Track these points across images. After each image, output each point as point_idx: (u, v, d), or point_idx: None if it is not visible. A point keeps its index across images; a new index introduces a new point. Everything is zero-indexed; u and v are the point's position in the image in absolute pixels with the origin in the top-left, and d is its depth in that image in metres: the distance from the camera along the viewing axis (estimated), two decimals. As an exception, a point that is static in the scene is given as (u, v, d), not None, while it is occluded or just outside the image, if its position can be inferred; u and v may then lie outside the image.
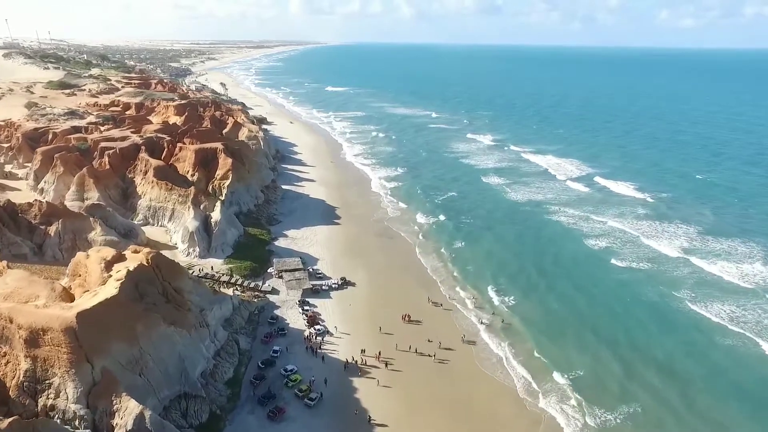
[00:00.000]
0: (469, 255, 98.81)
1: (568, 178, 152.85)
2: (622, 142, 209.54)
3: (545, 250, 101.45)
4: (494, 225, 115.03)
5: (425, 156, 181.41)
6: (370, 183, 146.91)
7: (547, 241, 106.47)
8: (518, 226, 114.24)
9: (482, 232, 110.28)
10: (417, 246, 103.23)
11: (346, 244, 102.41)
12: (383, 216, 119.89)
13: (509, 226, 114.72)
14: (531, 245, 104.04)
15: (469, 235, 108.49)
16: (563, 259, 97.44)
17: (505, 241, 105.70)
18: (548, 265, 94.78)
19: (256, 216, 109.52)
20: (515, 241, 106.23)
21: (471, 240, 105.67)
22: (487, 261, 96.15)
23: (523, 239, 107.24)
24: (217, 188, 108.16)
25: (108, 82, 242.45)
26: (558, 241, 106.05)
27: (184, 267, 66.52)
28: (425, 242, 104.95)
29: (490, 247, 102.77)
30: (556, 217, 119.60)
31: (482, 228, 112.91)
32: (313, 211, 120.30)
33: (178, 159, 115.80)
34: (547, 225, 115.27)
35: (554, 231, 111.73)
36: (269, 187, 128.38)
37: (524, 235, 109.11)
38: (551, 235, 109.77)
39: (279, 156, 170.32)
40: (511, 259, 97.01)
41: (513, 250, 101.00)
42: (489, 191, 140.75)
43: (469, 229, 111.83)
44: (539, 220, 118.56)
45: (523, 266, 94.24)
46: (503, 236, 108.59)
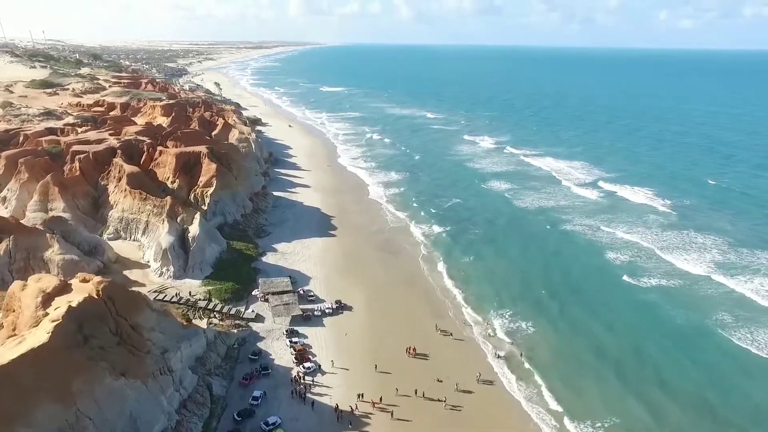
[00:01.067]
0: (479, 272, 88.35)
1: (573, 183, 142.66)
2: (625, 144, 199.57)
3: (558, 266, 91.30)
4: (502, 236, 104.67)
5: (425, 159, 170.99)
6: (368, 189, 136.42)
7: (558, 255, 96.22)
8: (528, 238, 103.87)
9: (490, 245, 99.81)
10: (420, 261, 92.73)
11: (342, 260, 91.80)
12: (383, 226, 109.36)
13: (518, 237, 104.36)
14: (543, 260, 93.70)
15: (477, 248, 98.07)
16: (577, 277, 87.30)
17: (515, 256, 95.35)
18: (562, 285, 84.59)
19: (243, 227, 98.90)
20: (526, 255, 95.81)
21: (479, 254, 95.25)
22: (497, 279, 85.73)
23: (534, 253, 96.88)
24: (200, 196, 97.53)
25: (95, 81, 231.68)
26: (570, 256, 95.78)
27: (147, 296, 55.86)
28: (429, 257, 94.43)
29: (500, 262, 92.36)
30: (565, 228, 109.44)
31: (490, 240, 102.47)
32: (307, 221, 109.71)
33: (158, 164, 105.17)
34: (557, 237, 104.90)
35: (565, 244, 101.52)
36: (259, 195, 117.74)
37: (535, 249, 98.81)
38: (562, 248, 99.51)
39: (272, 159, 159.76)
40: (524, 277, 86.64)
41: (524, 266, 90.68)
42: (493, 198, 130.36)
43: (476, 242, 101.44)
44: (548, 231, 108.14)
45: (537, 285, 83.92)
46: (513, 250, 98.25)
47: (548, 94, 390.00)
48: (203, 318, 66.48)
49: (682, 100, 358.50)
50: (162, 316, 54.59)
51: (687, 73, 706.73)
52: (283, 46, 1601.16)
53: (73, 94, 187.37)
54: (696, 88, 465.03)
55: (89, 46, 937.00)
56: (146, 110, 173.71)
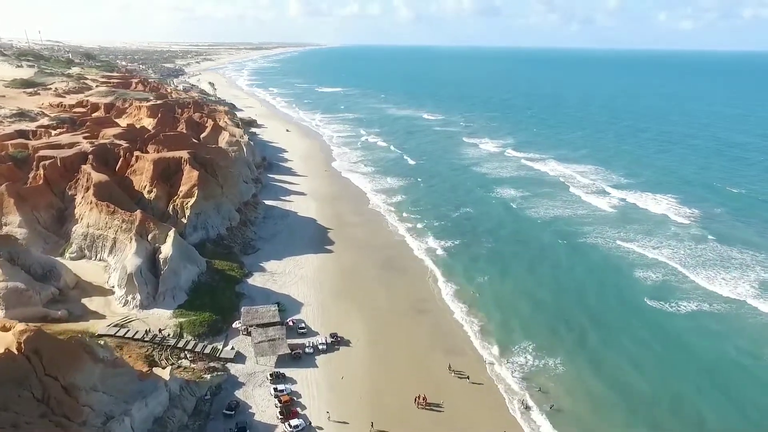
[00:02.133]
0: (494, 295, 77.46)
1: (582, 189, 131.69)
2: (630, 146, 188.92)
3: (575, 288, 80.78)
4: (514, 252, 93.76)
5: (426, 163, 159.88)
6: (367, 197, 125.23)
7: (575, 274, 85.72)
8: (541, 254, 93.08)
9: (503, 263, 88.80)
10: (428, 281, 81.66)
11: (339, 281, 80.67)
12: (385, 240, 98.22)
13: (531, 253, 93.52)
14: (559, 280, 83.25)
15: (489, 266, 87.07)
16: (597, 301, 76.96)
17: (530, 276, 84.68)
18: (587, 309, 74.54)
19: (228, 243, 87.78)
20: (542, 274, 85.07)
21: (492, 273, 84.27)
22: (515, 304, 75.04)
23: (550, 272, 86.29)
24: (179, 208, 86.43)
25: (82, 81, 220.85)
26: (587, 276, 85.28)
27: (90, 344, 44.57)
28: (437, 277, 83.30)
29: (516, 283, 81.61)
30: (579, 242, 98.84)
31: (502, 257, 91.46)
32: (301, 235, 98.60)
33: (134, 171, 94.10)
34: (571, 252, 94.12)
35: (581, 261, 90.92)
36: (249, 204, 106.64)
37: (550, 267, 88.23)
38: (578, 265, 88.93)
39: (265, 164, 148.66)
40: (542, 302, 76.12)
41: (541, 288, 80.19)
42: (500, 207, 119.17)
43: (487, 258, 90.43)
44: (562, 246, 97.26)
45: (560, 311, 73.55)
46: (528, 268, 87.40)
47: (548, 94, 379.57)
48: (171, 360, 55.28)
49: (685, 100, 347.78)
50: (110, 368, 43.51)
51: (687, 73, 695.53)
52: (282, 47, 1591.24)
53: (55, 94, 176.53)
54: (697, 88, 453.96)
55: (88, 46, 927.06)
56: (132, 111, 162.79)
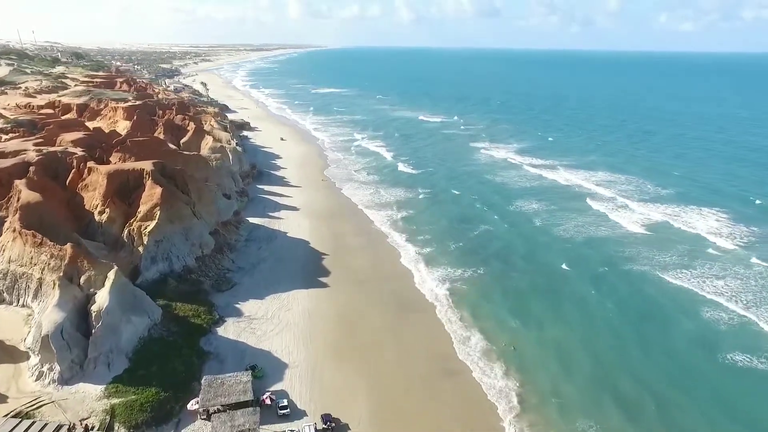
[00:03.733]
0: (536, 349, 60.61)
1: (605, 205, 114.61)
2: (643, 150, 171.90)
3: (633, 333, 64.81)
4: (548, 284, 77.11)
5: (431, 172, 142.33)
6: (368, 212, 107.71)
7: (626, 314, 69.46)
8: (586, 289, 75.88)
9: (537, 299, 72.23)
10: (449, 329, 64.33)
11: (335, 329, 63.41)
12: (391, 270, 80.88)
13: (573, 288, 76.65)
14: (616, 324, 66.96)
15: (521, 305, 70.47)
16: (669, 354, 60.08)
17: (573, 317, 68.49)
18: (650, 368, 57.46)
19: (197, 277, 70.43)
20: (593, 318, 68.32)
21: (527, 315, 67.66)
22: (563, 362, 58.62)
23: (595, 311, 69.86)
24: (136, 234, 69.17)
25: (60, 80, 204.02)
26: (643, 317, 68.70)
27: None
28: (460, 322, 65.98)
29: (557, 329, 65.42)
30: (622, 270, 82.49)
31: (534, 290, 74.80)
32: (290, 263, 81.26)
33: (86, 186, 76.99)
34: (618, 287, 77.36)
35: (632, 298, 74.17)
36: (229, 224, 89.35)
37: (599, 306, 71.24)
38: (627, 303, 72.61)
39: (254, 173, 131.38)
40: (594, 355, 59.46)
41: (589, 335, 63.89)
42: (519, 224, 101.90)
43: (517, 294, 73.57)
44: (603, 276, 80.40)
45: (615, 369, 56.97)
46: (567, 306, 71.38)
47: (549, 95, 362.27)
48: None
49: (690, 101, 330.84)
50: None
51: (690, 75, 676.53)
52: (283, 48, 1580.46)
53: (24, 94, 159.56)
54: (702, 89, 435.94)
55: (87, 47, 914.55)
56: (107, 113, 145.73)
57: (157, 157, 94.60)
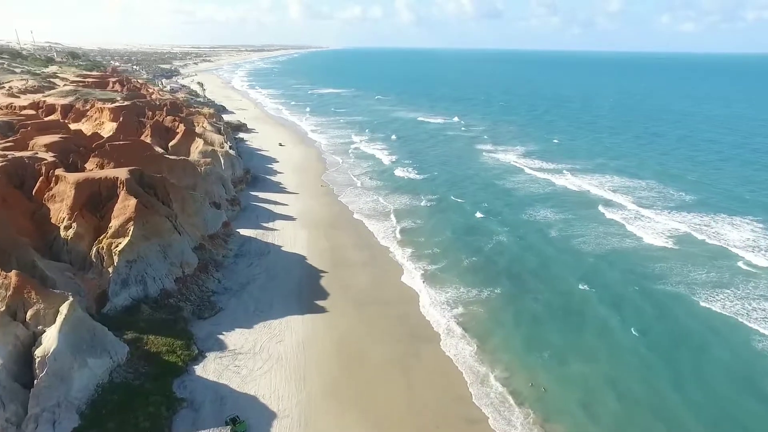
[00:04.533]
0: (569, 390, 51.41)
1: (621, 214, 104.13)
2: (653, 154, 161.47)
3: (676, 373, 54.82)
4: (574, 308, 67.86)
5: (439, 177, 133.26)
6: (370, 223, 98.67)
7: (664, 348, 59.39)
8: (609, 311, 66.78)
9: (559, 328, 62.98)
10: (466, 365, 55.50)
11: (334, 366, 54.65)
12: (397, 292, 72.05)
13: (598, 308, 67.48)
14: (650, 358, 57.37)
15: (541, 335, 61.36)
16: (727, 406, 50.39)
17: (607, 347, 59.18)
18: (705, 418, 48.17)
19: (176, 302, 61.71)
20: (623, 346, 59.15)
21: (548, 347, 58.90)
22: (593, 410, 49.07)
23: (631, 342, 60.31)
24: (105, 253, 60.53)
25: (48, 79, 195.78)
26: (677, 351, 58.90)
27: None
28: (479, 356, 57.13)
29: (591, 369, 55.29)
30: (647, 287, 72.60)
31: (557, 317, 65.56)
32: (283, 282, 72.57)
33: (53, 197, 68.39)
34: (644, 306, 67.93)
35: (658, 322, 64.69)
36: (217, 238, 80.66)
37: (626, 333, 61.96)
38: (657, 331, 62.77)
39: (248, 179, 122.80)
40: (638, 401, 50.24)
41: (631, 374, 54.23)
42: (535, 236, 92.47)
43: (537, 321, 64.67)
44: (628, 294, 71.35)
45: (667, 420, 47.65)
46: (599, 334, 61.72)
47: (550, 96, 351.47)
48: None
49: (696, 102, 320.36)
50: None
51: (692, 75, 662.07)
52: (284, 49, 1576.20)
53: (7, 94, 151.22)
54: (706, 90, 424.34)
55: (87, 48, 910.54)
56: (92, 114, 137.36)
57: (140, 163, 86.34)
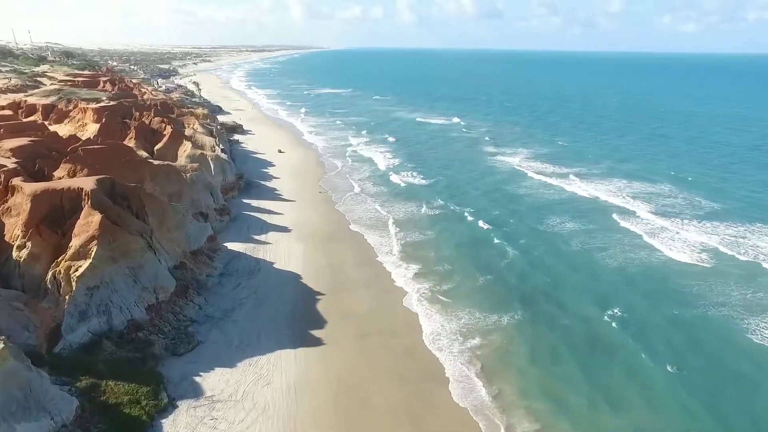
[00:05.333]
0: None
1: (638, 222, 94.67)
2: (664, 157, 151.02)
3: (726, 428, 45.34)
4: (598, 340, 57.95)
5: (441, 183, 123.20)
6: (372, 237, 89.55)
7: (706, 392, 49.37)
8: (639, 344, 56.40)
9: (584, 366, 53.25)
10: (477, 415, 46.41)
11: (332, 419, 45.64)
12: (401, 318, 62.85)
13: (626, 341, 57.33)
14: (693, 405, 47.58)
15: (564, 377, 51.40)
16: None
17: (641, 390, 49.31)
18: None
19: (147, 335, 52.74)
20: (660, 390, 49.39)
21: (573, 392, 48.94)
22: None
23: (670, 386, 50.38)
24: (63, 278, 51.66)
25: (34, 78, 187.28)
26: (722, 397, 49.19)
27: None
28: (492, 405, 47.69)
29: (620, 420, 45.67)
30: (677, 315, 62.25)
31: (580, 353, 55.69)
32: (275, 308, 63.56)
33: (8, 210, 59.51)
34: (676, 339, 57.77)
35: (695, 357, 54.79)
36: (200, 254, 71.73)
37: (663, 373, 52.15)
38: (696, 370, 52.81)
39: (241, 185, 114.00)
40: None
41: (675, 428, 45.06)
42: (547, 252, 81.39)
43: (557, 358, 54.35)
44: (658, 324, 60.93)
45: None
46: (631, 375, 51.92)
47: (552, 96, 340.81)
48: None
49: (700, 102, 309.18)
50: None
51: (694, 75, 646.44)
52: (285, 49, 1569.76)
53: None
54: (709, 90, 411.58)
55: (88, 48, 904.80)
56: (75, 114, 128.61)
57: (118, 169, 77.75)
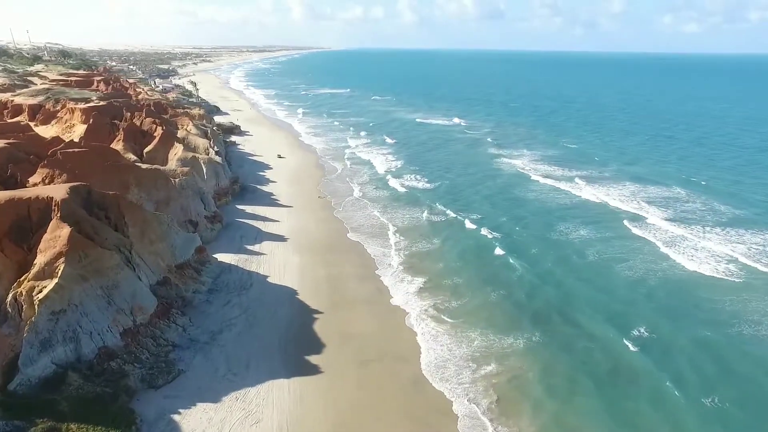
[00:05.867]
0: None
1: (652, 230, 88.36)
2: (672, 158, 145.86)
3: None
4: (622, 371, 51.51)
5: (444, 187, 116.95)
6: (374, 247, 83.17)
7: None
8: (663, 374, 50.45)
9: (605, 400, 47.15)
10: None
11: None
12: (405, 341, 56.52)
13: (651, 372, 51.13)
14: None
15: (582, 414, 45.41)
16: None
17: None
18: None
19: (120, 365, 46.57)
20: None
21: None
22: None
23: None
24: (25, 300, 45.59)
25: (25, 77, 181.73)
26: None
27: None
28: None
29: None
30: (706, 338, 56.33)
31: (602, 385, 49.40)
32: (268, 330, 57.41)
33: (-30, 221, 53.50)
34: (708, 370, 51.64)
35: (728, 391, 48.59)
36: (187, 268, 65.58)
37: (700, 414, 46.18)
38: (731, 404, 46.81)
39: (236, 190, 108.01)
40: None
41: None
42: (569, 267, 74.39)
43: (575, 393, 48.11)
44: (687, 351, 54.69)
45: None
46: (662, 415, 45.73)
47: (554, 96, 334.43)
48: None
49: (703, 102, 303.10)
50: None
51: (696, 76, 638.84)
52: (286, 50, 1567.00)
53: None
54: (712, 90, 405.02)
55: (88, 48, 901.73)
56: (63, 115, 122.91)
57: (101, 174, 72.30)
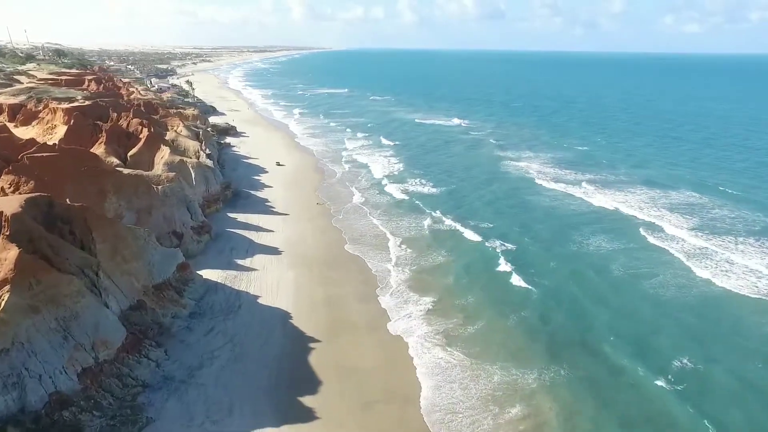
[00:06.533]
0: None
1: (673, 241, 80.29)
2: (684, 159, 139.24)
3: None
4: (658, 419, 43.93)
5: (448, 192, 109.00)
6: (377, 257, 75.60)
7: None
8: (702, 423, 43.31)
9: None
10: None
11: None
12: (418, 384, 48.55)
13: (691, 417, 43.76)
14: None
15: None
16: None
17: None
18: None
19: (76, 413, 38.86)
20: None
21: None
22: None
23: None
24: (-39, 339, 37.88)
25: (11, 76, 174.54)
26: None
27: None
28: None
29: None
30: (753, 375, 49.26)
31: None
32: (254, 364, 49.66)
33: None
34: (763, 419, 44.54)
35: None
36: (166, 288, 57.86)
37: None
38: None
39: (228, 196, 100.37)
40: None
41: None
42: (588, 288, 65.43)
43: None
44: (747, 397, 46.27)
45: None
46: None
47: (555, 96, 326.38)
48: None
49: (706, 102, 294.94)
50: None
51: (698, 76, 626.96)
52: (286, 50, 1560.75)
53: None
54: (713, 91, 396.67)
55: (88, 48, 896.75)
56: (45, 115, 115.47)
57: (74, 180, 65.12)
